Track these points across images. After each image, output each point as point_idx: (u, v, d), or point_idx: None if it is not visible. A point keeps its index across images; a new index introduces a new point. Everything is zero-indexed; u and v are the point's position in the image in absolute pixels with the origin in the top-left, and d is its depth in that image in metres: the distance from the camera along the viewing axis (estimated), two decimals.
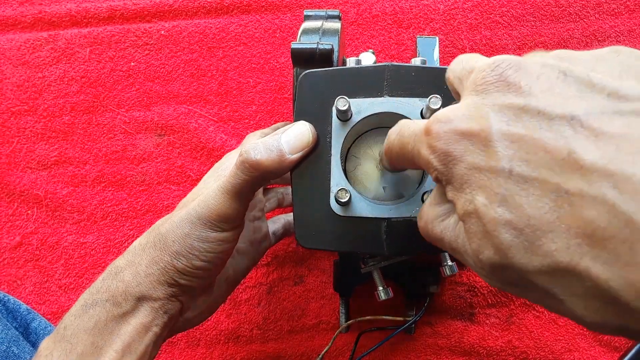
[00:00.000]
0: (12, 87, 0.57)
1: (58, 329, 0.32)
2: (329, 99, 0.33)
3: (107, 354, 0.31)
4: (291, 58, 0.37)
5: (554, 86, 0.19)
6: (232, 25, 0.58)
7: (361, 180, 0.35)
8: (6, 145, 0.56)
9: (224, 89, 0.57)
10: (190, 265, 0.33)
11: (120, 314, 0.32)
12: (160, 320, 0.33)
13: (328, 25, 0.40)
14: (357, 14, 0.58)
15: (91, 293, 0.33)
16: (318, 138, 0.33)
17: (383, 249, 0.33)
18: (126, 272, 0.33)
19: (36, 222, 0.55)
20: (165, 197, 0.55)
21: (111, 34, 0.58)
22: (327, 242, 0.33)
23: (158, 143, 0.56)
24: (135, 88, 0.57)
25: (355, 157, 0.36)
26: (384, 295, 0.41)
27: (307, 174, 0.33)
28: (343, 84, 0.33)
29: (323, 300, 0.52)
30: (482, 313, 0.51)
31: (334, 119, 0.33)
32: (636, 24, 0.56)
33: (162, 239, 0.33)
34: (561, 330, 0.50)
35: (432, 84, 0.32)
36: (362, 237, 0.33)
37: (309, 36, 0.39)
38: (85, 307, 0.32)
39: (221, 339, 0.52)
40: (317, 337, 0.51)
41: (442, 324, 0.51)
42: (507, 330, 0.51)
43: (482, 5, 0.58)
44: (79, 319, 0.32)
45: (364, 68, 0.33)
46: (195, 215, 0.33)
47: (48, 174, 0.55)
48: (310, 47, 0.36)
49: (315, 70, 0.34)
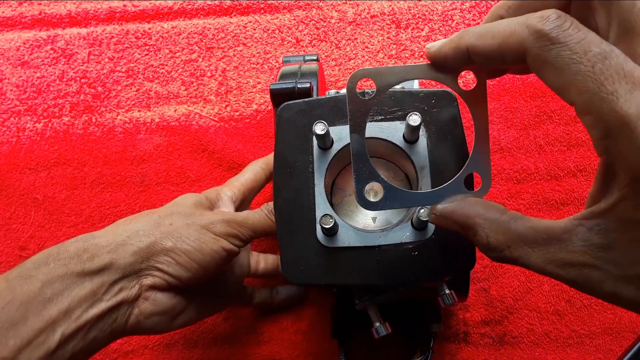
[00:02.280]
0: (12, 87, 0.57)
1: (14, 270, 0.31)
2: (309, 129, 0.33)
3: (50, 310, 0.29)
4: (270, 99, 0.37)
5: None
6: (231, 26, 0.58)
7: (348, 212, 0.34)
8: (5, 146, 0.56)
9: (224, 89, 0.57)
10: (180, 249, 0.34)
11: (79, 272, 0.31)
12: (114, 296, 0.32)
13: (306, 67, 0.41)
14: (356, 14, 0.58)
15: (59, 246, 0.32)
16: (301, 169, 0.33)
17: (377, 280, 0.31)
18: (102, 238, 0.33)
19: (33, 226, 0.54)
20: (164, 198, 0.55)
21: (111, 34, 0.58)
22: (316, 277, 0.32)
23: (158, 144, 0.56)
24: (135, 88, 0.57)
25: (341, 189, 0.35)
26: (382, 332, 0.38)
27: (291, 207, 0.32)
28: (322, 113, 0.33)
29: (320, 304, 0.52)
30: (476, 333, 0.50)
31: (315, 148, 0.32)
32: None
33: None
34: (551, 344, 0.49)
35: (411, 107, 0.32)
36: (353, 269, 0.32)
37: (288, 78, 0.39)
38: (49, 257, 0.31)
39: (218, 341, 0.51)
40: (312, 341, 0.51)
41: (438, 346, 0.49)
42: (499, 352, 0.49)
43: (479, 6, 0.58)
44: (40, 266, 0.31)
45: (343, 96, 0.33)
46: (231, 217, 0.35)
47: (47, 175, 0.55)
48: (288, 86, 0.37)
49: (293, 102, 0.34)
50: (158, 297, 0.34)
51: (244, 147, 0.55)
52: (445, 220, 0.26)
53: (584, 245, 0.20)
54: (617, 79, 0.18)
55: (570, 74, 0.19)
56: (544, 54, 0.20)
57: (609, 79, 0.18)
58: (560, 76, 0.19)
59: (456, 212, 0.25)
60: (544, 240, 0.22)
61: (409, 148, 0.32)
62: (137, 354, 0.51)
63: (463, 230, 0.25)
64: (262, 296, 0.48)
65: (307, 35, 0.58)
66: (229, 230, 0.36)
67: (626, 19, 0.19)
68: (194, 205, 0.38)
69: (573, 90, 0.19)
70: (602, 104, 0.18)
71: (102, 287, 0.31)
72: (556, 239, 0.21)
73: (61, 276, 0.30)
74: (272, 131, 0.55)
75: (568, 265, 0.21)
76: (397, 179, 0.35)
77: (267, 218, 0.38)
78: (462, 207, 0.25)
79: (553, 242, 0.21)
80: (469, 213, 0.24)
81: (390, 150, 0.33)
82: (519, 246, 0.22)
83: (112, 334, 0.33)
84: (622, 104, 0.18)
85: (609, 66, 0.18)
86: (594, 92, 0.18)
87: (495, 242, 0.23)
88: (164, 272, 0.34)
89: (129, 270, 0.33)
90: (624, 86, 0.18)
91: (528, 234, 0.22)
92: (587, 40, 0.19)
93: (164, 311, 0.35)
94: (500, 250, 0.23)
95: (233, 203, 0.42)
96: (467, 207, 0.25)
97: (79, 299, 0.30)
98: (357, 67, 0.57)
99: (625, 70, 0.18)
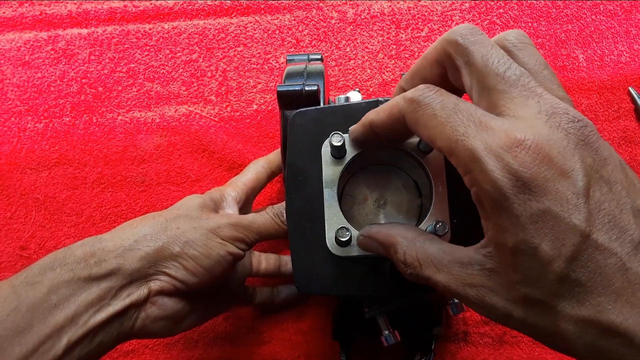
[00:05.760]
0: (12, 87, 0.57)
1: (19, 275, 0.31)
2: (322, 138, 0.32)
3: (57, 315, 0.29)
4: (277, 101, 0.37)
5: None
6: (231, 26, 0.59)
7: (357, 219, 0.34)
8: (6, 146, 0.56)
9: (224, 89, 0.57)
10: (187, 254, 0.34)
11: (85, 277, 0.31)
12: (122, 301, 0.32)
13: (312, 68, 0.40)
14: (356, 14, 0.59)
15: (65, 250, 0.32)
16: (313, 178, 0.32)
17: (388, 290, 0.31)
18: (109, 242, 0.33)
19: (34, 225, 0.54)
20: (164, 198, 0.55)
21: (111, 35, 0.58)
22: (328, 287, 0.32)
23: (158, 144, 0.56)
24: (135, 89, 0.57)
25: (350, 196, 0.35)
26: (391, 340, 0.38)
27: (303, 216, 0.32)
28: (336, 121, 0.32)
29: (321, 304, 0.52)
30: (476, 332, 0.50)
31: (328, 157, 0.32)
32: (632, 25, 0.57)
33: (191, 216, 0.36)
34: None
35: None
36: (365, 279, 0.31)
37: (294, 79, 0.39)
38: (55, 261, 0.31)
39: (218, 340, 0.51)
40: (312, 341, 0.51)
41: (438, 347, 0.49)
42: (499, 351, 0.49)
43: (479, 7, 0.58)
44: (46, 272, 0.30)
45: (356, 104, 0.33)
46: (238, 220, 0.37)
47: (48, 175, 0.55)
48: (296, 88, 0.36)
49: (307, 109, 0.33)
50: (165, 302, 0.34)
51: (244, 147, 0.55)
52: (370, 241, 0.29)
53: (480, 268, 0.23)
54: (467, 123, 0.22)
55: (433, 126, 0.23)
56: (415, 115, 0.24)
57: (460, 125, 0.22)
58: (428, 129, 0.23)
59: (381, 232, 0.28)
60: (449, 262, 0.24)
61: (423, 158, 0.32)
62: (137, 354, 0.51)
63: (385, 249, 0.28)
64: (263, 295, 0.48)
65: (307, 35, 0.58)
66: (236, 234, 0.36)
67: (481, 77, 0.23)
68: (199, 208, 0.38)
69: (438, 138, 0.23)
70: (457, 145, 0.22)
71: (110, 292, 0.31)
72: (459, 262, 0.24)
73: (67, 281, 0.30)
74: (272, 131, 0.56)
75: (468, 286, 0.23)
76: (407, 186, 0.35)
77: (273, 221, 0.38)
78: (386, 228, 0.28)
79: (457, 264, 0.24)
80: (392, 233, 0.28)
81: (398, 157, 0.33)
82: (429, 266, 0.25)
83: (118, 337, 0.33)
84: (470, 141, 0.21)
85: (461, 115, 0.22)
86: (450, 137, 0.22)
87: (410, 259, 0.26)
88: (172, 277, 0.34)
89: (136, 276, 0.33)
90: (472, 128, 0.22)
91: (437, 255, 0.25)
92: (445, 101, 0.23)
93: (170, 315, 0.35)
94: (413, 267, 0.26)
95: (237, 204, 0.42)
96: (391, 227, 0.28)
97: (86, 304, 0.30)
98: (357, 67, 0.57)
99: (473, 117, 0.22)
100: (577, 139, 0.21)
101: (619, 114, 0.55)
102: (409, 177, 0.35)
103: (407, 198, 0.35)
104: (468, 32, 0.24)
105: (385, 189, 0.35)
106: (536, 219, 0.20)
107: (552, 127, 0.21)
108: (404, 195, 0.35)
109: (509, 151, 0.20)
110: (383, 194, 0.35)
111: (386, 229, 0.28)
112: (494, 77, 0.23)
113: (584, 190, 0.20)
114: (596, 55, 0.56)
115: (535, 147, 0.20)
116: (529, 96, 0.22)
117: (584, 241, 0.20)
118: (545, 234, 0.20)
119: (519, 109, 0.22)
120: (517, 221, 0.20)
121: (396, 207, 0.34)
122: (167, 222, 0.35)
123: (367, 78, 0.57)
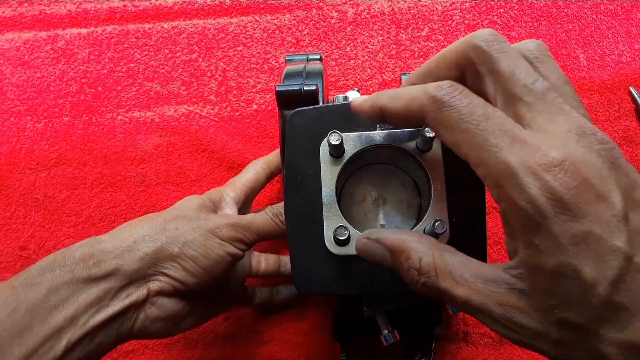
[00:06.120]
0: (12, 87, 0.57)
1: (19, 276, 0.31)
2: (321, 137, 0.32)
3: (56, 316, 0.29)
4: (276, 100, 0.37)
5: None
6: (231, 26, 0.58)
7: (356, 218, 0.34)
8: (6, 146, 0.56)
9: (224, 89, 0.57)
10: (186, 254, 0.33)
11: (85, 277, 0.31)
12: (121, 302, 0.32)
13: (311, 68, 0.40)
14: (356, 14, 0.58)
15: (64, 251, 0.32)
16: (311, 177, 0.32)
17: (389, 289, 0.31)
18: (107, 243, 0.33)
19: (34, 225, 0.54)
20: (164, 198, 0.55)
21: (111, 34, 0.58)
22: (327, 286, 0.32)
23: (158, 144, 0.56)
24: (134, 88, 0.57)
25: (349, 195, 0.35)
26: (390, 339, 0.38)
27: (301, 216, 0.32)
28: (334, 120, 0.32)
29: (321, 304, 0.52)
30: (476, 333, 0.50)
31: (327, 156, 0.32)
32: (633, 25, 0.57)
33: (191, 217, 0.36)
34: None
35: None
36: (365, 278, 0.31)
37: (293, 79, 0.39)
38: (54, 262, 0.31)
39: (218, 340, 0.51)
40: (312, 341, 0.51)
41: (438, 347, 0.49)
42: (499, 351, 0.49)
43: (479, 6, 0.58)
44: (45, 273, 0.30)
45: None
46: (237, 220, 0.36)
47: (47, 175, 0.55)
48: (294, 88, 0.36)
49: (305, 108, 0.33)
50: (164, 303, 0.34)
51: (244, 147, 0.55)
52: (374, 246, 0.27)
53: (509, 288, 0.22)
54: (499, 134, 0.21)
55: (459, 131, 0.22)
56: (438, 115, 0.23)
57: (492, 135, 0.21)
58: (453, 134, 0.22)
59: (391, 237, 0.26)
60: (471, 276, 0.23)
61: (422, 156, 0.31)
62: (137, 354, 0.51)
63: (395, 255, 0.26)
64: (262, 296, 0.48)
65: (307, 35, 0.58)
66: (235, 234, 0.36)
67: (507, 87, 0.22)
68: (198, 208, 0.37)
69: (464, 146, 0.22)
70: (488, 156, 0.21)
71: (109, 293, 0.31)
72: (483, 278, 0.23)
73: (67, 282, 0.30)
74: (272, 131, 0.55)
75: (493, 304, 0.22)
76: (406, 185, 0.35)
77: (272, 221, 0.38)
78: (397, 233, 0.27)
79: (480, 279, 0.23)
80: (405, 238, 0.26)
81: (396, 155, 0.33)
82: (447, 277, 0.23)
83: (118, 338, 0.33)
84: (505, 154, 0.20)
85: (491, 124, 0.21)
86: (481, 146, 0.21)
87: (427, 267, 0.24)
88: (171, 277, 0.34)
89: (135, 276, 0.33)
90: (505, 140, 0.21)
91: (458, 267, 0.23)
92: (473, 104, 0.22)
93: (169, 316, 0.35)
94: (429, 275, 0.24)
95: (236, 204, 0.42)
96: (403, 233, 0.27)
97: (85, 305, 0.30)
98: (357, 66, 0.57)
99: (505, 127, 0.21)
100: (609, 161, 0.21)
101: (620, 113, 0.55)
102: (408, 176, 0.35)
103: (406, 197, 0.34)
104: (492, 38, 0.23)
105: (384, 188, 0.35)
106: (577, 240, 0.19)
107: (585, 147, 0.21)
108: (403, 195, 0.34)
109: (548, 170, 0.20)
110: (382, 193, 0.34)
111: (398, 234, 0.27)
112: (521, 88, 0.22)
113: (623, 213, 0.20)
114: (597, 55, 0.56)
115: (575, 169, 0.20)
116: (557, 112, 0.22)
117: (627, 264, 0.19)
118: (588, 257, 0.19)
119: (547, 125, 0.21)
120: (556, 242, 0.20)
121: (395, 206, 0.34)
122: (166, 223, 0.35)
123: (367, 78, 0.57)
